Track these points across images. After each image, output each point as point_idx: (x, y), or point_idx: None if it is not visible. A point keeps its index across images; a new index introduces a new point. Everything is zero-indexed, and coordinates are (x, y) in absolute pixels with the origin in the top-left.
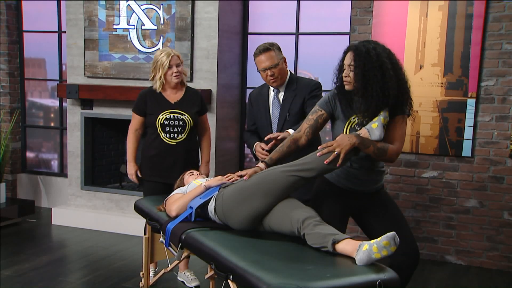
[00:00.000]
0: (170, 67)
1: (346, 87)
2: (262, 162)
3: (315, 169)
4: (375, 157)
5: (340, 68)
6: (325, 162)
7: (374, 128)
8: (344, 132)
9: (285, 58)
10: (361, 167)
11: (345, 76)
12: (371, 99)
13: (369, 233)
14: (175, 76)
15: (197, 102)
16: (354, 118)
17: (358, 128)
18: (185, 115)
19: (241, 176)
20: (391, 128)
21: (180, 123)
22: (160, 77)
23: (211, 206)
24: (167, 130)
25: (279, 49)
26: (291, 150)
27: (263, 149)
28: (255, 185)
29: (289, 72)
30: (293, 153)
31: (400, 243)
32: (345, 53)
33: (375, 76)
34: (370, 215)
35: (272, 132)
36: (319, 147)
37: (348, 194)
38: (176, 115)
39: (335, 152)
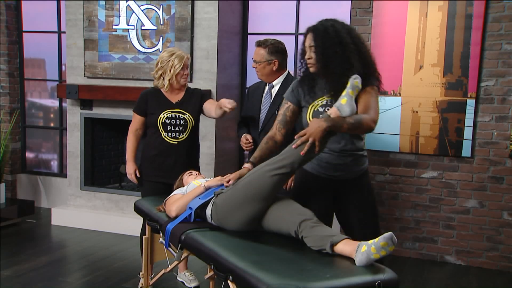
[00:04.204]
0: (181, 69)
1: (311, 70)
2: (247, 162)
3: (294, 162)
4: (352, 133)
5: (303, 52)
6: (301, 153)
7: (343, 104)
8: (308, 117)
9: (276, 61)
10: (330, 150)
11: (308, 58)
12: (335, 76)
13: (341, 221)
14: (184, 78)
15: (197, 100)
16: (318, 101)
17: (321, 110)
18: (186, 114)
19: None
20: (362, 98)
21: (182, 122)
22: (170, 78)
23: (208, 211)
24: (168, 129)
25: (275, 51)
26: (269, 146)
27: (247, 139)
28: (242, 193)
29: (287, 72)
30: (274, 150)
31: (367, 238)
32: (305, 36)
33: (335, 52)
34: (344, 203)
35: (259, 125)
36: (295, 137)
37: (325, 181)
38: (177, 114)
39: (309, 142)
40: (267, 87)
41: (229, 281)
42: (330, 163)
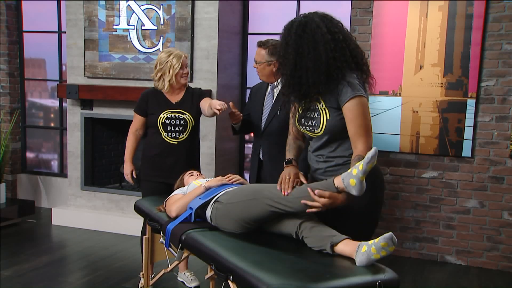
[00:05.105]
0: (180, 68)
1: None
2: (289, 162)
3: (295, 209)
4: None
5: None
6: (306, 211)
7: (352, 186)
8: (296, 122)
9: (276, 63)
10: (310, 151)
11: None
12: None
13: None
14: (184, 78)
15: (197, 100)
16: (303, 105)
17: (303, 114)
18: (186, 114)
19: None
20: (347, 117)
21: (181, 122)
22: (170, 79)
23: (208, 213)
24: (168, 129)
25: (275, 53)
26: (298, 145)
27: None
28: (239, 213)
29: None
30: (304, 145)
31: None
32: None
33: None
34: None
35: (262, 125)
36: (311, 193)
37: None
38: (177, 114)
39: (318, 209)
40: (269, 88)
41: (229, 281)
42: (311, 166)
